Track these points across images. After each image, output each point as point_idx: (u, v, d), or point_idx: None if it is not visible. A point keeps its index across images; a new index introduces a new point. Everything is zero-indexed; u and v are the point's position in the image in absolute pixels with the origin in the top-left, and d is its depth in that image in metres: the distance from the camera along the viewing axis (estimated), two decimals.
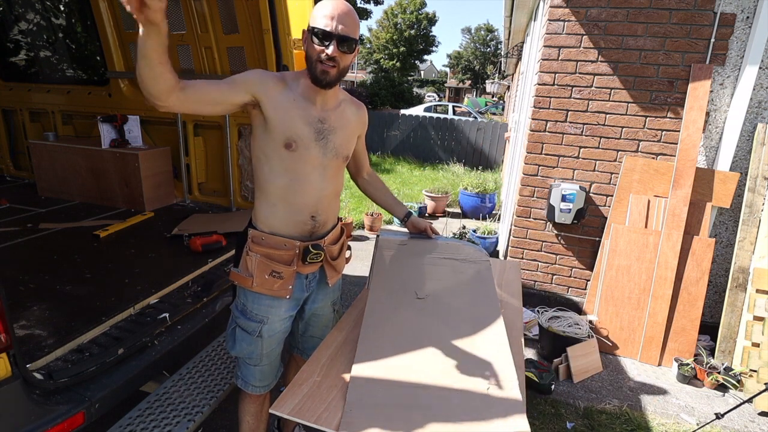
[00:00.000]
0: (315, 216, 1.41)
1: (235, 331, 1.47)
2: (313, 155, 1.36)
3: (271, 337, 1.47)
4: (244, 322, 1.45)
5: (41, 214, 2.98)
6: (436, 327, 1.43)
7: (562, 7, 2.80)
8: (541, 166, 3.10)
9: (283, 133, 1.31)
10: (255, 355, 1.48)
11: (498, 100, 26.68)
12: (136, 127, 3.26)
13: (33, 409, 1.26)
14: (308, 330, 1.63)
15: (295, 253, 1.40)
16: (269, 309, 1.43)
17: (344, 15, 1.26)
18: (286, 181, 1.35)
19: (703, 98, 2.65)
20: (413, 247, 1.83)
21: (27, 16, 3.66)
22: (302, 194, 1.38)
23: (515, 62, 9.28)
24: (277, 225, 1.40)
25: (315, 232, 1.44)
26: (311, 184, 1.38)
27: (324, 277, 1.54)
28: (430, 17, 32.03)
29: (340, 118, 1.42)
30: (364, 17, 20.43)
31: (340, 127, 1.42)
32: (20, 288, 1.94)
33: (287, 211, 1.39)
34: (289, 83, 1.35)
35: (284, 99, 1.32)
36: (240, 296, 1.47)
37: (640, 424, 2.23)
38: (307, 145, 1.34)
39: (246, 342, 1.46)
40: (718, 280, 2.90)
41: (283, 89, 1.32)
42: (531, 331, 2.99)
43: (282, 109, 1.31)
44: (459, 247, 1.84)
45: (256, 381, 1.53)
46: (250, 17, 2.72)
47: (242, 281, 1.41)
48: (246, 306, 1.44)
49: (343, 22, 1.25)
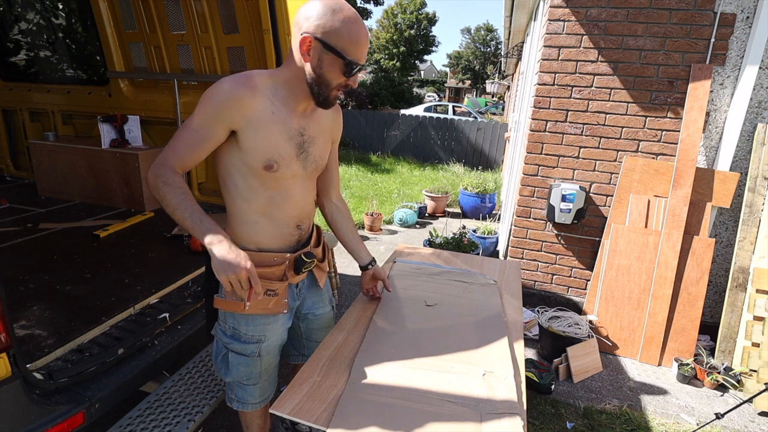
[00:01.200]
0: (300, 225, 1.34)
1: (228, 357, 1.36)
2: (294, 171, 1.25)
3: (270, 353, 1.40)
4: (239, 346, 1.34)
5: (41, 214, 2.98)
6: (440, 331, 1.48)
7: (562, 7, 2.80)
8: (541, 166, 3.10)
9: (263, 155, 1.17)
10: (254, 374, 1.40)
11: (498, 100, 26.68)
12: (136, 127, 3.26)
13: (33, 409, 1.26)
14: (312, 334, 1.56)
15: (287, 265, 1.32)
16: (266, 327, 1.35)
17: (367, 40, 1.13)
18: (266, 198, 1.25)
19: (703, 98, 2.65)
20: (426, 270, 1.99)
21: (27, 16, 3.66)
22: (285, 209, 1.29)
23: (515, 62, 9.28)
24: (263, 240, 1.30)
25: (301, 240, 1.38)
26: (293, 197, 1.29)
27: (314, 281, 1.50)
28: (430, 17, 32.02)
29: (317, 125, 1.30)
30: (364, 17, 20.44)
31: (318, 135, 1.30)
32: (20, 288, 1.94)
33: (271, 225, 1.29)
34: (263, 89, 1.16)
35: (263, 115, 1.15)
36: (227, 321, 1.35)
37: (640, 424, 2.23)
38: (288, 163, 1.22)
39: (243, 365, 1.36)
40: (718, 280, 2.91)
41: (259, 102, 1.14)
42: (531, 331, 2.99)
43: (261, 128, 1.15)
44: (470, 274, 1.98)
45: (255, 399, 1.45)
46: (250, 17, 2.72)
47: (232, 307, 1.29)
48: (238, 330, 1.33)
49: (367, 49, 1.14)
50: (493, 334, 1.47)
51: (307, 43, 1.10)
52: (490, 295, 1.76)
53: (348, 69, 1.12)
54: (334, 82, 1.14)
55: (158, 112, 3.29)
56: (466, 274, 1.97)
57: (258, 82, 1.15)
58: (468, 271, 2.01)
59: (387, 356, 1.31)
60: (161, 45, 3.14)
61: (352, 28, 1.08)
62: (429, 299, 1.69)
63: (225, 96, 1.11)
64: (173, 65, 3.19)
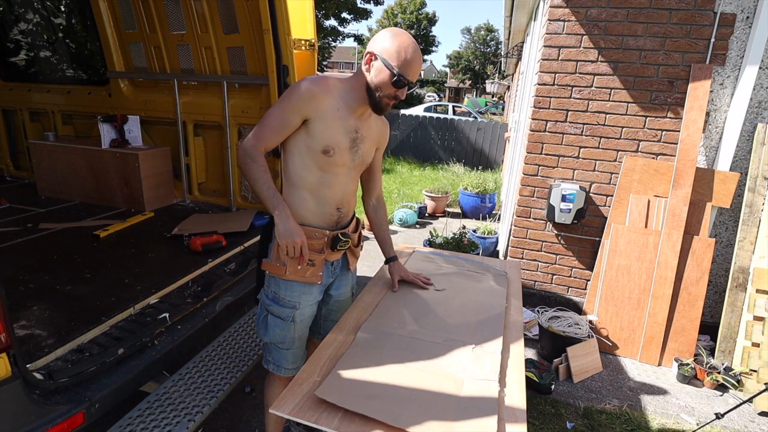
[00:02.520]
0: (340, 208, 1.54)
1: (267, 319, 1.55)
2: (345, 160, 1.48)
3: (302, 321, 1.57)
4: (278, 309, 1.53)
5: (41, 214, 2.98)
6: (441, 315, 1.58)
7: (562, 7, 2.80)
8: (541, 166, 3.10)
9: (324, 140, 1.41)
10: (288, 339, 1.57)
11: (498, 100, 26.68)
12: (136, 127, 3.26)
13: (33, 409, 1.26)
14: (330, 315, 1.72)
15: (325, 241, 1.51)
16: (301, 295, 1.52)
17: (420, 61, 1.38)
18: (317, 177, 1.47)
19: (703, 98, 2.65)
20: (443, 260, 2.13)
21: (27, 16, 3.66)
22: (331, 190, 1.50)
23: (515, 62, 9.29)
24: (308, 216, 1.50)
25: (340, 222, 1.56)
26: (339, 181, 1.50)
27: (346, 263, 1.66)
28: (430, 17, 32.05)
29: (369, 129, 1.54)
30: (364, 17, 20.41)
31: (368, 137, 1.54)
32: (20, 288, 1.94)
33: (317, 203, 1.50)
34: (335, 92, 1.42)
35: (330, 111, 1.41)
36: (270, 285, 1.55)
37: (640, 424, 2.23)
38: (342, 152, 1.45)
39: (279, 328, 1.54)
40: (718, 280, 2.90)
41: (330, 100, 1.41)
42: (531, 331, 2.99)
43: (327, 120, 1.41)
44: (482, 265, 2.09)
45: (288, 364, 1.61)
46: (250, 17, 2.72)
47: (276, 271, 1.50)
48: (278, 294, 1.52)
49: (418, 69, 1.38)
50: (491, 327, 1.52)
51: (369, 57, 1.39)
52: (497, 294, 1.80)
53: (396, 81, 1.36)
54: (386, 91, 1.38)
55: (158, 112, 3.29)
56: (478, 264, 2.08)
57: (331, 84, 1.43)
58: (480, 262, 2.11)
59: (390, 328, 1.47)
60: (161, 45, 3.14)
61: (405, 50, 1.34)
62: (437, 285, 1.82)
63: (304, 92, 1.38)
64: (173, 65, 3.19)
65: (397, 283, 1.80)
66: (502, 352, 1.37)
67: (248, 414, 2.12)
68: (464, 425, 1.05)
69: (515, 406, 1.15)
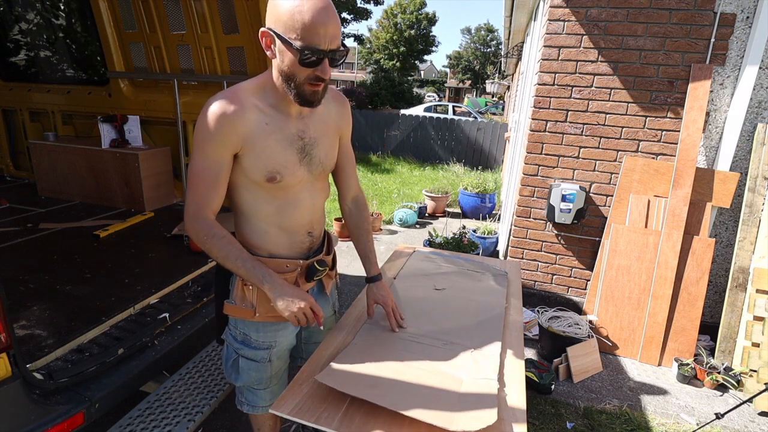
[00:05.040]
0: (311, 232, 1.31)
1: (238, 362, 1.34)
2: (300, 177, 1.20)
3: (280, 358, 1.39)
4: (250, 352, 1.32)
5: (41, 214, 2.98)
6: (441, 316, 1.57)
7: (562, 7, 2.80)
8: (541, 166, 3.10)
9: (263, 168, 1.13)
10: (264, 379, 1.39)
11: (498, 100, 26.69)
12: (136, 127, 3.26)
13: (33, 409, 1.26)
14: (312, 337, 1.54)
15: (298, 272, 1.28)
16: (276, 333, 1.32)
17: (331, 19, 0.98)
18: (275, 207, 1.21)
19: (703, 98, 2.65)
20: (443, 259, 2.11)
21: (27, 16, 3.66)
22: (294, 216, 1.24)
23: (515, 62, 9.28)
24: (275, 249, 1.26)
25: (312, 247, 1.34)
26: (302, 204, 1.25)
27: (322, 288, 1.46)
28: (430, 17, 32.01)
29: (319, 124, 1.22)
30: (364, 17, 20.43)
31: (322, 135, 1.23)
32: (20, 288, 1.94)
33: (282, 234, 1.25)
34: (250, 103, 1.10)
35: (256, 130, 1.10)
36: (238, 327, 1.32)
37: (640, 424, 2.23)
38: (292, 171, 1.17)
39: (254, 370, 1.35)
40: (718, 280, 2.90)
41: (249, 117, 1.09)
42: (531, 331, 2.99)
43: (258, 143, 1.11)
44: (483, 264, 2.09)
45: (266, 402, 1.43)
46: (250, 17, 2.72)
47: (243, 314, 1.27)
48: (249, 336, 1.31)
49: (332, 31, 0.99)
50: (491, 329, 1.51)
51: (265, 37, 1.03)
52: (497, 294, 1.80)
53: (302, 58, 0.99)
54: (300, 75, 1.02)
55: (158, 112, 3.29)
56: (478, 264, 2.06)
57: (243, 97, 1.10)
58: (480, 262, 2.10)
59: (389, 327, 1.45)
60: (161, 45, 3.14)
61: (300, 12, 0.95)
62: (437, 284, 1.80)
63: (218, 121, 1.07)
64: (173, 65, 3.19)
65: (374, 311, 1.48)
66: (502, 352, 1.37)
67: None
68: (466, 414, 1.05)
69: (515, 406, 1.15)
